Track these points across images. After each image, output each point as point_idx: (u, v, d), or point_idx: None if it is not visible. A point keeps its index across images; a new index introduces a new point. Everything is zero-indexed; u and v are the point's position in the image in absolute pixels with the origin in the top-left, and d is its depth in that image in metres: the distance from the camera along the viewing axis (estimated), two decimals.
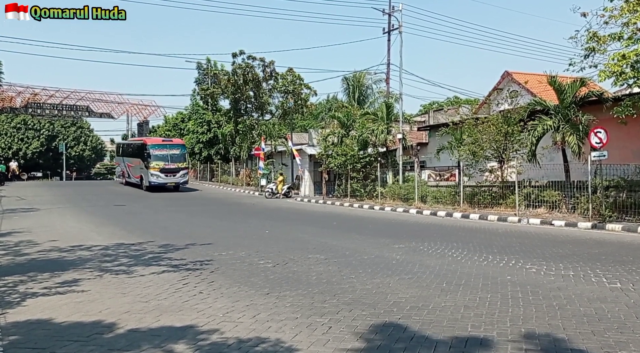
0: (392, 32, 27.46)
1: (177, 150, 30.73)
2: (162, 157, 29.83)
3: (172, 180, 29.99)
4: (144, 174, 30.25)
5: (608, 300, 5.65)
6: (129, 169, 34.03)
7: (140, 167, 30.94)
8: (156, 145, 30.68)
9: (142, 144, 31.70)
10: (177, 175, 30.08)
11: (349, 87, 34.85)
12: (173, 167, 29.90)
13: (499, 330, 4.65)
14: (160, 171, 29.47)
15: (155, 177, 29.47)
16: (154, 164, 29.46)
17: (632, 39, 12.77)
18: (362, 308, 5.49)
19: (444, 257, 8.85)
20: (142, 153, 30.50)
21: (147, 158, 29.85)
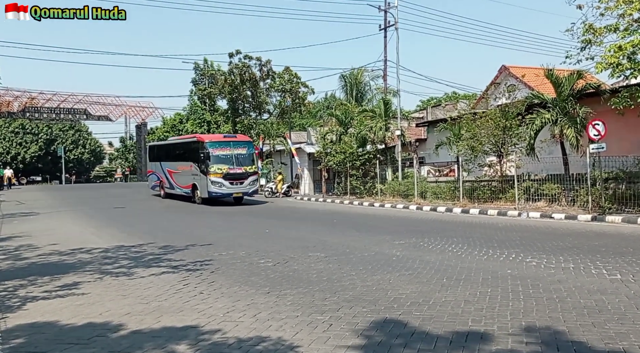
0: (388, 28, 27.41)
1: (243, 149, 22.79)
2: (226, 158, 22.12)
3: (239, 190, 22.16)
4: (199, 182, 22.57)
5: (608, 292, 5.65)
6: (172, 177, 25.63)
7: (193, 173, 23.10)
8: (217, 143, 22.55)
9: (196, 142, 23.30)
10: (245, 182, 22.26)
11: (346, 85, 34.77)
12: (239, 172, 22.11)
13: (500, 323, 4.65)
14: (224, 178, 21.70)
15: (217, 186, 21.71)
16: (215, 168, 21.64)
17: (628, 30, 12.77)
18: (362, 305, 5.49)
19: (444, 253, 8.85)
20: (197, 154, 22.57)
21: (204, 160, 21.95)
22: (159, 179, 27.63)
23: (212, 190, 21.86)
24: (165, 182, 26.71)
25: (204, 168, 21.97)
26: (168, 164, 26.36)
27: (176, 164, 25.39)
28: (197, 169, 22.73)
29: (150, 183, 29.72)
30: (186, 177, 24.00)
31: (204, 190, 22.28)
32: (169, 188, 26.33)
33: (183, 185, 24.49)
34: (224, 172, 21.82)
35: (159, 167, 27.48)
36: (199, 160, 22.41)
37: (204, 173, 22.09)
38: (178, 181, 25.13)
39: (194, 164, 23.02)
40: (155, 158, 28.79)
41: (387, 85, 29.36)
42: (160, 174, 27.29)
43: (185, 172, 24.06)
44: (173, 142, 28.62)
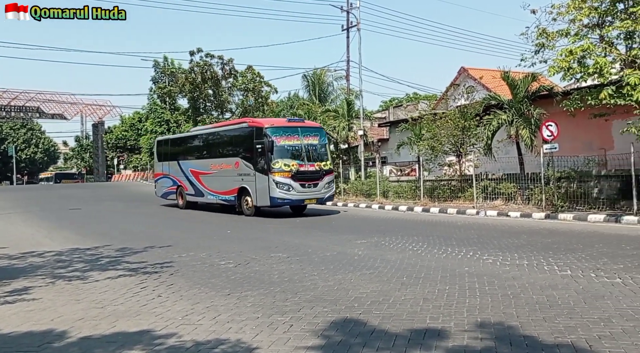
0: (350, 29, 27.61)
1: (314, 138, 16.71)
2: (293, 151, 16.19)
3: (312, 195, 16.21)
4: (253, 185, 16.39)
5: (559, 287, 5.86)
6: (200, 180, 19.38)
7: (241, 173, 16.94)
8: (281, 130, 16.32)
9: (247, 129, 17.02)
10: (320, 184, 16.27)
11: (309, 85, 34.77)
12: (313, 170, 16.19)
13: (456, 320, 4.75)
14: (293, 178, 15.75)
15: (284, 190, 15.68)
16: (281, 164, 15.76)
17: (578, 35, 13.28)
18: (323, 305, 5.50)
19: (405, 251, 8.97)
20: (248, 146, 16.60)
21: (262, 154, 15.90)
22: (175, 184, 21.21)
23: (276, 195, 15.58)
24: (186, 187, 20.31)
25: (263, 165, 15.80)
26: (193, 162, 20.11)
27: (208, 161, 19.03)
28: (248, 167, 16.58)
29: (160, 190, 22.70)
30: (227, 179, 17.65)
31: (262, 195, 15.93)
32: (193, 195, 19.95)
33: (220, 190, 18.14)
34: (292, 170, 15.69)
35: (177, 167, 20.95)
36: (254, 154, 16.23)
37: (262, 171, 15.92)
38: (211, 185, 18.73)
39: (243, 160, 16.92)
40: (169, 156, 22.02)
41: (350, 86, 29.57)
42: (179, 176, 20.85)
43: (226, 172, 17.76)
44: (203, 133, 21.06)
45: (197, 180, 19.64)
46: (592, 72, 12.57)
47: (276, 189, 15.67)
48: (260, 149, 16.02)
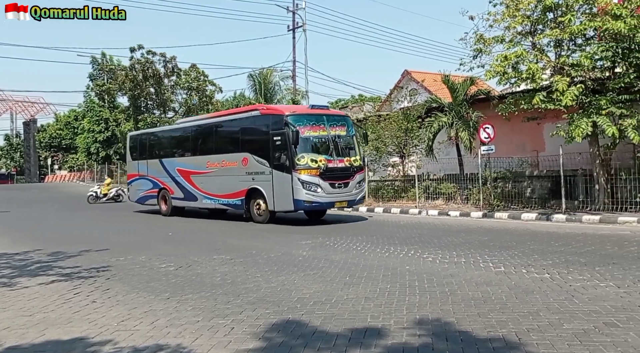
0: (296, 29, 27.67)
1: (342, 129, 14.08)
2: (320, 143, 13.73)
3: (343, 196, 13.66)
4: (270, 186, 13.55)
5: (493, 284, 6.11)
6: (192, 181, 16.33)
7: (251, 171, 14.06)
8: (305, 118, 13.67)
9: (262, 118, 14.09)
10: (351, 184, 13.72)
11: (255, 84, 34.55)
12: (343, 167, 13.62)
13: (396, 318, 4.85)
14: (322, 176, 13.08)
15: (312, 190, 12.98)
16: (308, 159, 13.01)
17: (512, 41, 13.93)
18: (266, 306, 5.46)
19: (349, 251, 9.07)
20: (265, 137, 13.72)
21: (282, 148, 13.18)
22: (156, 186, 17.92)
23: (302, 198, 12.84)
24: (172, 190, 17.07)
25: (285, 160, 13.01)
26: (182, 160, 17.00)
27: (203, 159, 15.89)
28: (262, 164, 13.67)
29: (136, 194, 19.25)
30: (230, 180, 14.68)
31: (283, 197, 13.17)
32: (182, 198, 16.77)
33: (221, 192, 15.12)
34: (321, 167, 12.99)
35: (159, 167, 17.76)
36: (270, 147, 13.38)
37: (282, 169, 13.11)
38: (207, 187, 15.62)
39: (254, 155, 13.94)
40: (147, 154, 18.75)
41: (296, 86, 29.62)
42: (161, 177, 17.62)
43: (228, 171, 14.81)
44: (195, 125, 17.40)
45: (187, 182, 16.49)
46: (525, 77, 13.22)
47: (302, 190, 12.80)
48: (279, 142, 13.15)
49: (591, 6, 13.44)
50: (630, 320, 4.48)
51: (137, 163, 19.37)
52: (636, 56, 12.02)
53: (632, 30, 11.72)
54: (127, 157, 20.52)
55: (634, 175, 12.82)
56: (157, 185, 18.02)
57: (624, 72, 12.54)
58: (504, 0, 13.93)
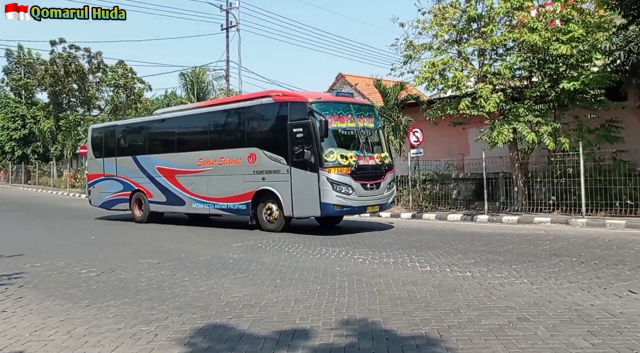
0: (230, 29, 27.28)
1: (369, 121, 12.24)
2: (348, 136, 11.81)
3: (376, 200, 11.80)
4: (284, 187, 11.56)
5: (419, 283, 6.30)
6: (179, 182, 13.95)
7: (264, 171, 11.95)
8: (332, 107, 11.67)
9: (278, 106, 12.01)
10: (383, 184, 11.88)
11: (187, 83, 33.70)
12: (374, 165, 11.77)
13: (325, 319, 4.88)
14: (353, 175, 11.19)
15: (343, 192, 11.04)
16: (337, 155, 11.12)
17: (439, 49, 14.53)
18: (193, 311, 5.32)
19: (280, 253, 9.04)
20: (282, 129, 11.68)
21: (304, 141, 11.19)
22: (128, 188, 15.37)
23: (332, 201, 10.91)
24: (150, 193, 14.68)
25: (309, 156, 11.03)
26: (164, 157, 14.42)
27: (193, 155, 13.61)
28: (276, 161, 11.64)
29: (99, 197, 16.46)
30: (231, 180, 12.55)
31: (306, 200, 11.19)
32: (163, 203, 14.43)
33: (219, 195, 12.95)
34: (352, 165, 11.14)
35: (132, 165, 15.22)
36: (288, 141, 11.35)
37: (304, 166, 11.12)
38: (199, 189, 13.39)
39: (265, 151, 11.88)
40: (116, 150, 16.13)
41: (229, 86, 29.20)
42: (135, 177, 15.10)
43: (229, 169, 12.68)
44: (183, 115, 14.85)
45: (171, 183, 14.07)
46: (451, 84, 13.84)
47: (332, 192, 10.82)
48: (300, 134, 11.16)
49: (511, 19, 14.28)
50: (541, 314, 4.78)
51: (102, 161, 16.47)
52: (550, 67, 12.90)
53: (546, 43, 12.57)
54: (89, 154, 17.49)
55: (548, 178, 13.73)
56: (129, 187, 15.36)
57: (540, 81, 13.43)
58: (432, 9, 14.50)
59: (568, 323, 4.49)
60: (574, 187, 12.84)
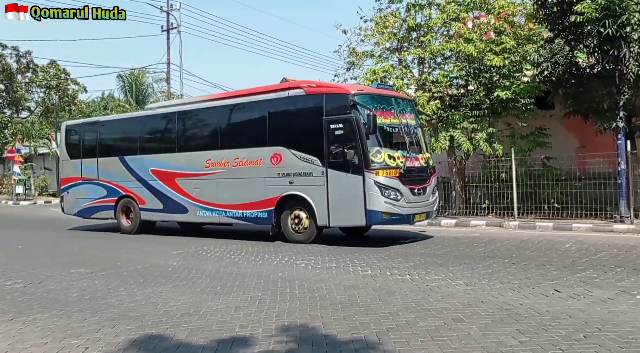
0: (171, 30, 26.66)
1: (411, 117, 10.87)
2: (393, 134, 10.56)
3: (423, 207, 10.38)
4: (318, 191, 10.00)
5: (360, 287, 6.38)
6: (180, 187, 12.16)
7: (291, 173, 10.37)
8: (376, 100, 10.20)
9: (312, 98, 10.42)
10: (428, 189, 10.48)
11: (125, 85, 32.59)
12: (420, 167, 10.45)
13: (265, 326, 4.84)
14: (401, 179, 9.73)
15: (392, 197, 9.57)
16: (385, 156, 9.69)
17: (381, 57, 14.86)
18: (127, 322, 5.12)
19: (222, 260, 8.89)
20: (316, 124, 10.08)
21: (345, 139, 9.78)
22: (113, 194, 13.42)
23: (380, 208, 9.52)
24: (142, 199, 12.87)
25: (352, 156, 9.63)
26: (161, 158, 12.61)
27: (202, 155, 11.87)
28: (308, 162, 10.17)
29: (75, 204, 14.32)
30: (249, 184, 10.98)
31: (348, 207, 9.80)
32: (159, 210, 12.63)
33: (232, 202, 11.32)
34: (400, 167, 9.81)
35: (119, 167, 13.28)
36: (324, 138, 9.97)
37: (345, 168, 9.73)
38: (207, 195, 11.70)
39: (293, 150, 10.37)
40: (98, 149, 13.99)
41: (170, 89, 28.52)
42: (123, 181, 13.23)
43: (247, 171, 11.08)
44: (185, 109, 12.91)
45: (169, 187, 12.32)
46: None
47: (380, 198, 9.44)
48: (340, 131, 9.84)
49: (448, 29, 14.82)
50: (474, 314, 4.96)
51: (79, 163, 14.22)
52: (485, 76, 13.51)
53: (480, 53, 13.16)
54: (62, 154, 15.26)
55: (483, 183, 14.31)
56: (114, 192, 13.40)
57: (475, 90, 14.01)
58: (374, 18, 14.82)
59: (499, 322, 4.68)
60: (507, 191, 13.45)
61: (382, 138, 10.01)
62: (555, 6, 11.34)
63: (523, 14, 14.41)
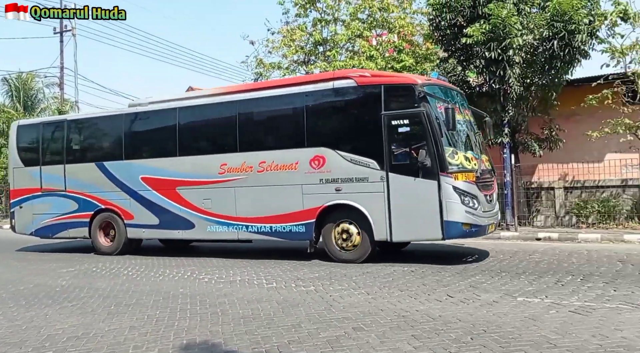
0: (64, 33, 24.99)
1: (469, 114, 9.65)
2: (462, 133, 9.08)
3: (493, 215, 9.09)
4: (376, 200, 8.52)
5: (263, 300, 6.30)
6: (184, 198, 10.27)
7: (338, 178, 8.82)
8: (444, 92, 9.00)
9: (366, 90, 8.84)
10: (494, 196, 9.33)
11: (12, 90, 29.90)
12: (488, 169, 9.24)
13: (162, 345, 4.61)
14: (478, 184, 8.49)
15: (472, 205, 8.22)
16: (461, 157, 8.45)
17: (288, 69, 15.02)
18: (4, 349, 4.63)
19: (118, 277, 8.38)
20: (372, 120, 8.58)
21: (416, 137, 8.40)
22: (88, 208, 11.32)
23: (459, 219, 8.16)
24: (129, 213, 10.92)
25: (424, 157, 8.23)
26: (156, 163, 10.73)
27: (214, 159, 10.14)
28: (363, 165, 8.70)
29: (34, 220, 12.01)
30: (281, 193, 9.40)
31: (419, 219, 8.37)
32: (154, 226, 10.73)
33: (257, 215, 9.64)
34: (476, 170, 8.61)
35: (94, 174, 11.28)
36: (388, 137, 8.53)
37: (417, 172, 8.29)
38: (222, 206, 10.00)
39: (341, 151, 8.88)
40: (67, 154, 11.82)
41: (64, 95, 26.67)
42: (99, 192, 11.20)
43: (277, 177, 9.45)
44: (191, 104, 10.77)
45: (168, 198, 10.46)
46: None
47: (461, 206, 8.14)
48: (405, 128, 8.47)
49: (353, 45, 15.36)
50: (374, 323, 5.09)
51: (37, 171, 11.91)
52: None
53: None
54: (12, 161, 12.66)
55: None
56: (89, 206, 11.26)
57: None
58: (281, 30, 14.96)
59: (396, 329, 4.85)
60: None
61: (453, 136, 8.62)
62: (449, 28, 12.15)
63: (421, 34, 15.32)
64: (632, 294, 5.85)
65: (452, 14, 11.83)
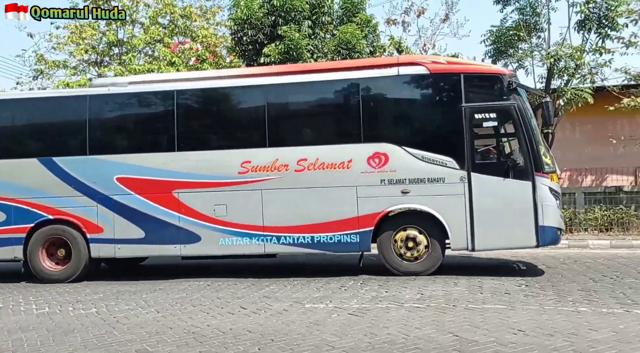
0: None
1: None
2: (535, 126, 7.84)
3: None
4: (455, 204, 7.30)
5: (31, 328, 5.48)
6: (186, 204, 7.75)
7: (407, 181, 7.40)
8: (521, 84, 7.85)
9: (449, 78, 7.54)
10: None
11: None
12: None
13: None
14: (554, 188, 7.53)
15: (554, 209, 7.32)
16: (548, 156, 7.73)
17: (77, 68, 13.60)
18: None
19: None
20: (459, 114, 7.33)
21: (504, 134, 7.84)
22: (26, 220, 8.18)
23: (554, 224, 7.39)
24: (96, 225, 8.14)
25: (517, 156, 7.53)
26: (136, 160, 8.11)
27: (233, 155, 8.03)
28: (437, 164, 7.46)
29: None
30: (326, 196, 7.73)
31: (514, 224, 7.30)
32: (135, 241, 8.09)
33: (291, 223, 7.79)
34: (556, 170, 7.89)
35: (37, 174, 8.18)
36: (469, 133, 7.48)
37: (507, 172, 7.34)
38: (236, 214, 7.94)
39: (410, 148, 7.53)
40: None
41: None
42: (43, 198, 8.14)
43: (324, 178, 7.72)
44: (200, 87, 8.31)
45: (160, 205, 8.16)
46: None
47: (557, 210, 7.57)
48: (492, 122, 7.76)
49: (153, 50, 14.65)
50: (160, 342, 4.79)
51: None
52: None
53: None
54: None
55: None
56: (26, 216, 8.32)
57: None
58: (68, 26, 13.51)
59: (184, 347, 4.65)
60: None
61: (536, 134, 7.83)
62: (250, 44, 12.43)
63: (225, 47, 15.39)
64: (399, 294, 6.65)
65: (254, 30, 12.15)
